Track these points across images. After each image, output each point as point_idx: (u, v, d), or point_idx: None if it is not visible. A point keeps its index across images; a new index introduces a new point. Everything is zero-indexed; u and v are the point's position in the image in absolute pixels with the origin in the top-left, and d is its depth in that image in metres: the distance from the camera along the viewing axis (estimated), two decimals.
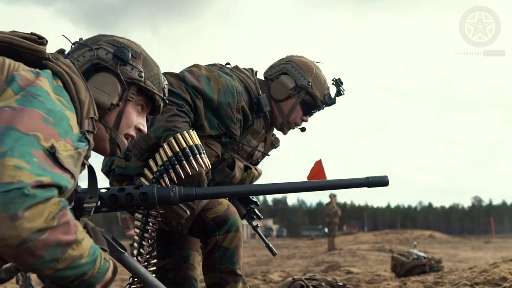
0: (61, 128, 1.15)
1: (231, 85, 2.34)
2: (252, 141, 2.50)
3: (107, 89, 1.44)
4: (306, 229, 75.64)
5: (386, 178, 1.84)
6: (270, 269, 9.70)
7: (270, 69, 2.61)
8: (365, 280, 5.85)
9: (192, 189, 1.71)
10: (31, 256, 1.01)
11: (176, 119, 2.13)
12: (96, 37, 1.52)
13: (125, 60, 1.47)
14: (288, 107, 2.54)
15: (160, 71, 1.58)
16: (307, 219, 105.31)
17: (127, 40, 1.53)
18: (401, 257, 6.35)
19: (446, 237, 36.00)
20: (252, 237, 59.10)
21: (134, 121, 1.52)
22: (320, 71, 2.60)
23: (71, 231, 1.07)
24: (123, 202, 1.63)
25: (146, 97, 1.53)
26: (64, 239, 1.05)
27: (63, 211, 1.05)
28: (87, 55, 1.47)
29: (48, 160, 1.07)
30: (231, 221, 2.24)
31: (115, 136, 1.48)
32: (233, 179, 2.40)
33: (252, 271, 9.30)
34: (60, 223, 1.04)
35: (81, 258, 1.10)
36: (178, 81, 2.25)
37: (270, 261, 13.05)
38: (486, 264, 7.43)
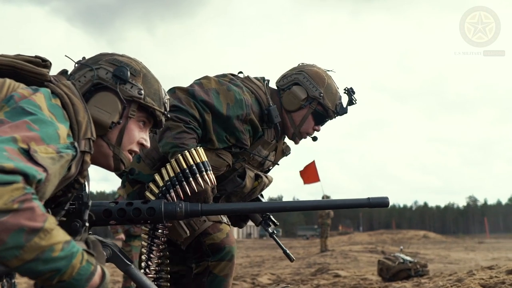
0: (45, 135, 1.16)
1: (239, 98, 2.35)
2: (263, 151, 2.52)
3: (108, 108, 1.48)
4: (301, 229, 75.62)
5: (386, 199, 1.87)
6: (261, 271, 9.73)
7: (282, 79, 2.61)
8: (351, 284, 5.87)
9: (198, 205, 1.75)
10: None
11: (184, 136, 2.17)
12: (97, 57, 1.56)
13: (124, 79, 1.51)
14: (299, 118, 2.55)
15: (160, 86, 1.60)
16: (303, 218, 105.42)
17: (127, 58, 1.57)
18: (387, 261, 6.40)
19: (440, 237, 36.14)
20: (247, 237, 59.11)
21: (137, 137, 1.56)
22: (332, 80, 2.60)
23: (37, 219, 1.04)
24: (131, 216, 1.67)
25: (147, 113, 1.57)
26: (27, 224, 1.02)
27: (27, 196, 1.03)
28: (88, 76, 1.51)
29: (20, 155, 1.08)
30: (226, 250, 2.29)
31: (118, 152, 1.52)
32: (244, 188, 2.43)
33: (243, 273, 9.33)
34: (22, 207, 1.02)
35: (51, 251, 1.06)
36: (187, 97, 2.28)
37: (262, 262, 13.08)
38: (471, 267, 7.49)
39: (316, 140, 2.66)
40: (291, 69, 2.63)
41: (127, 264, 1.57)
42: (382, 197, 1.86)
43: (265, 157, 2.54)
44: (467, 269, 10.02)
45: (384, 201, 1.86)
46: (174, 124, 2.20)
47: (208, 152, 2.28)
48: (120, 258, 1.59)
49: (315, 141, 2.66)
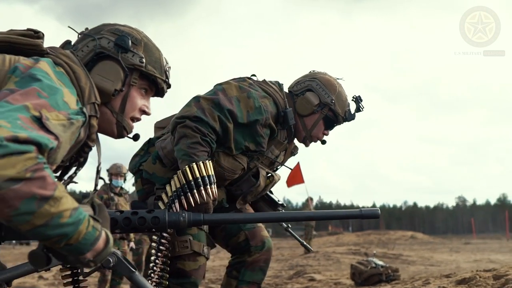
0: (54, 101, 1.21)
1: (258, 105, 2.47)
2: (275, 150, 2.67)
3: (110, 76, 1.53)
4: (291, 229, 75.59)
5: (377, 211, 1.96)
6: None
7: (296, 85, 2.75)
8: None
9: (201, 215, 1.83)
10: (5, 205, 1.04)
11: (197, 147, 2.29)
12: (99, 27, 1.61)
13: (125, 48, 1.55)
14: (311, 122, 2.70)
15: (161, 55, 1.65)
16: None
17: (128, 28, 1.62)
18: (359, 265, 6.45)
19: (428, 238, 36.35)
20: None
21: (139, 104, 1.60)
22: (342, 88, 2.76)
23: (48, 187, 1.08)
24: (136, 224, 1.72)
25: (149, 80, 1.61)
26: (39, 192, 1.07)
27: (39, 165, 1.07)
28: (90, 45, 1.55)
29: (34, 124, 1.12)
30: (189, 280, 2.41)
31: (121, 119, 1.57)
32: (258, 187, 2.58)
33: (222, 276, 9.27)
34: (35, 176, 1.06)
35: (60, 217, 1.11)
36: (211, 108, 2.38)
37: None
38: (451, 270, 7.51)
39: (325, 143, 2.82)
40: (304, 75, 2.79)
41: (132, 271, 1.64)
42: (373, 209, 1.96)
43: (276, 156, 2.69)
44: (447, 271, 10.07)
45: (375, 212, 1.95)
46: (192, 134, 2.31)
47: (226, 156, 2.46)
48: (125, 265, 1.66)
49: (324, 144, 2.82)
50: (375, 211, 1.95)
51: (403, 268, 11.01)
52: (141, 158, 2.58)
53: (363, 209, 1.95)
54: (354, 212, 1.96)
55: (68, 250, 1.18)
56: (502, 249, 18.57)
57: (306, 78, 2.74)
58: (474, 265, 11.38)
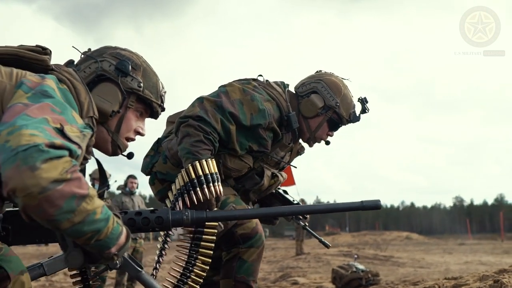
0: (66, 116, 1.30)
1: (262, 108, 2.49)
2: (280, 152, 2.72)
3: (109, 98, 1.62)
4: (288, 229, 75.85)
5: (378, 202, 1.96)
6: None
7: (301, 86, 2.74)
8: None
9: (204, 213, 1.87)
10: (50, 205, 1.13)
11: (200, 145, 2.31)
12: (102, 49, 1.70)
13: (125, 72, 1.64)
14: (315, 124, 2.71)
15: (158, 80, 1.74)
16: None
17: (129, 53, 1.70)
18: (340, 269, 6.47)
19: (423, 238, 36.37)
20: None
21: (134, 126, 1.70)
22: (348, 90, 2.75)
23: (84, 186, 1.19)
24: (140, 225, 1.75)
25: (145, 104, 1.71)
26: (78, 191, 1.17)
27: (75, 168, 1.18)
28: (92, 67, 1.64)
29: (58, 135, 1.22)
30: (256, 237, 2.46)
31: (116, 138, 1.67)
32: (262, 186, 2.63)
33: None
34: (73, 177, 1.17)
35: (94, 214, 1.22)
36: (214, 110, 2.41)
37: None
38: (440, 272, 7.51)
39: (329, 144, 2.83)
40: (310, 76, 2.78)
41: (138, 270, 1.69)
42: (374, 200, 1.96)
43: (281, 157, 2.73)
44: (436, 274, 10.07)
45: (376, 203, 1.96)
46: (194, 132, 2.34)
47: (232, 157, 2.51)
48: (132, 265, 1.71)
49: (327, 144, 2.83)
50: (376, 202, 1.96)
51: (392, 270, 11.01)
52: (152, 158, 2.62)
53: (364, 200, 1.96)
54: (355, 204, 1.97)
55: (97, 245, 1.28)
56: (495, 250, 18.59)
57: (312, 80, 2.74)
58: (463, 267, 11.37)
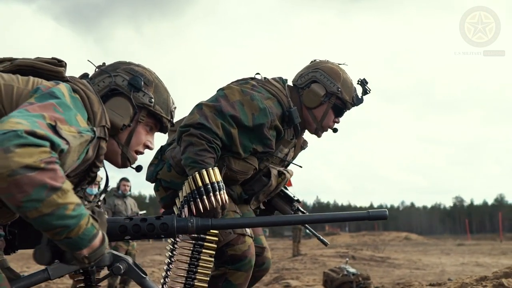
0: (68, 117, 1.35)
1: (263, 107, 2.47)
2: (284, 149, 2.68)
3: (121, 112, 1.67)
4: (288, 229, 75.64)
5: (385, 212, 1.96)
6: None
7: (300, 78, 2.72)
8: None
9: (209, 220, 1.87)
10: (19, 190, 1.16)
11: (204, 154, 2.31)
12: (116, 64, 1.76)
13: (138, 88, 1.69)
14: (321, 113, 2.69)
15: (169, 96, 1.79)
16: None
17: (142, 69, 1.75)
18: (332, 273, 6.47)
19: (422, 239, 36.32)
20: None
21: (143, 140, 1.75)
22: (347, 74, 2.73)
23: (58, 179, 1.21)
24: (145, 231, 1.77)
25: (155, 119, 1.75)
26: (49, 182, 1.19)
27: (52, 159, 1.20)
28: (106, 81, 1.70)
29: (48, 129, 1.25)
30: (246, 261, 2.44)
31: (126, 151, 1.72)
32: (270, 187, 2.61)
33: None
34: (48, 167, 1.19)
35: (65, 209, 1.22)
36: (214, 115, 2.40)
37: None
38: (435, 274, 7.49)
39: (337, 131, 2.80)
40: (306, 67, 2.75)
41: (142, 276, 1.71)
42: (381, 210, 1.96)
43: (286, 154, 2.70)
44: (431, 275, 10.05)
45: (383, 213, 1.95)
46: (198, 141, 2.33)
47: (236, 160, 2.48)
48: (136, 271, 1.73)
49: (335, 132, 2.81)
50: (383, 212, 1.95)
51: (388, 271, 11.00)
52: (156, 167, 2.62)
53: (371, 210, 1.97)
54: (361, 214, 1.98)
55: (68, 243, 1.28)
56: (493, 251, 18.54)
57: (309, 70, 2.72)
58: (459, 269, 11.35)
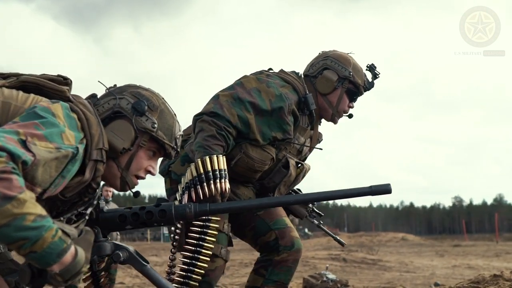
0: (49, 134, 1.34)
1: (279, 93, 2.53)
2: (301, 138, 2.70)
3: (122, 135, 1.65)
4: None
5: (388, 186, 1.89)
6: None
7: (311, 67, 2.81)
8: None
9: (206, 205, 1.86)
10: None
11: (211, 140, 2.34)
12: (124, 87, 1.75)
13: (140, 112, 1.67)
14: (335, 98, 2.75)
15: (175, 122, 1.77)
16: None
17: (150, 93, 1.74)
18: (311, 279, 6.49)
19: (419, 239, 36.22)
20: None
21: (144, 165, 1.72)
22: (355, 60, 2.81)
23: (13, 189, 1.19)
24: (144, 219, 1.78)
25: (158, 144, 1.72)
26: (2, 191, 1.17)
27: (7, 168, 1.19)
28: (111, 103, 1.70)
29: (16, 143, 1.26)
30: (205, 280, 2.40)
31: (126, 175, 1.69)
32: (290, 177, 2.62)
33: None
34: (1, 177, 1.18)
35: (23, 219, 1.19)
36: (229, 104, 2.44)
37: (226, 269, 12.92)
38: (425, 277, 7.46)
39: (352, 117, 2.86)
40: (315, 57, 2.83)
41: (143, 264, 1.73)
42: (384, 184, 1.89)
43: (303, 144, 2.72)
44: (420, 278, 10.03)
45: (386, 188, 1.88)
46: (208, 127, 2.37)
47: (254, 147, 2.50)
48: (137, 259, 1.75)
49: (350, 118, 2.86)
50: (386, 186, 1.89)
51: (378, 274, 10.97)
52: (169, 161, 2.64)
53: (374, 185, 1.91)
54: (364, 189, 1.91)
55: (34, 258, 1.24)
56: (488, 252, 18.51)
57: (319, 59, 2.80)
58: (449, 271, 11.32)
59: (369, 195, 1.92)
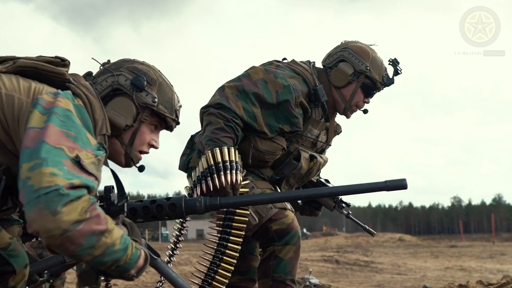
0: (81, 141, 1.36)
1: (287, 84, 2.45)
2: (314, 130, 2.62)
3: (123, 112, 1.64)
4: None
5: (404, 181, 1.84)
6: None
7: (328, 58, 2.70)
8: None
9: (217, 199, 1.86)
10: (72, 244, 1.22)
11: (220, 132, 2.29)
12: (120, 63, 1.72)
13: (140, 87, 1.66)
14: (349, 92, 2.64)
15: (174, 94, 1.75)
16: None
17: (146, 67, 1.72)
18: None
19: (416, 240, 36.24)
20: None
21: (147, 139, 1.72)
22: (376, 53, 2.69)
23: (102, 222, 1.27)
24: (155, 212, 1.79)
25: (159, 118, 1.72)
26: (97, 228, 1.25)
27: (93, 205, 1.26)
28: (109, 81, 1.67)
29: (75, 167, 1.29)
30: (292, 233, 2.39)
31: (129, 151, 1.70)
32: (301, 170, 2.54)
33: None
34: (92, 215, 1.24)
35: (113, 246, 1.29)
36: (234, 96, 2.39)
37: None
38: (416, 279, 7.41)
39: (367, 112, 2.76)
40: (335, 47, 2.73)
41: (154, 258, 1.71)
42: (399, 179, 1.85)
43: (316, 136, 2.64)
44: (411, 281, 9.99)
45: (402, 183, 1.84)
46: (215, 120, 2.32)
47: (263, 140, 2.44)
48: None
49: (366, 113, 2.76)
50: (402, 181, 1.84)
51: (369, 277, 10.95)
52: (187, 156, 2.61)
53: (389, 180, 1.86)
54: (379, 184, 1.87)
55: (117, 271, 1.35)
56: (483, 253, 18.50)
57: (337, 49, 2.69)
58: (441, 273, 11.30)
59: (384, 191, 1.87)
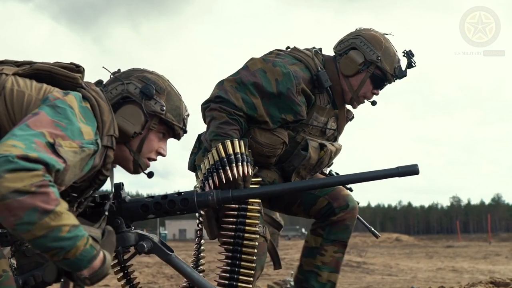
0: (70, 132, 1.37)
1: (286, 71, 2.38)
2: (320, 117, 2.54)
3: (132, 120, 1.68)
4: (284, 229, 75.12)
5: (416, 167, 1.83)
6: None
7: (339, 44, 2.63)
8: None
9: (229, 192, 1.84)
10: (10, 214, 1.20)
11: (226, 126, 2.27)
12: (129, 72, 1.76)
13: (149, 96, 1.70)
14: (357, 82, 2.56)
15: (182, 103, 1.79)
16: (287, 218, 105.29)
17: (155, 76, 1.76)
18: (275, 285, 6.58)
19: (413, 240, 36.22)
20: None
21: (155, 147, 1.75)
22: (390, 43, 2.60)
23: (51, 202, 1.23)
24: (167, 208, 1.78)
25: (167, 126, 1.75)
26: (41, 205, 1.21)
27: (44, 183, 1.22)
28: (119, 89, 1.71)
29: (46, 148, 1.28)
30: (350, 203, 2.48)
31: (138, 158, 1.73)
32: (310, 160, 2.46)
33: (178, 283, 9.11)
34: (39, 191, 1.21)
35: (59, 231, 1.24)
36: (233, 88, 2.35)
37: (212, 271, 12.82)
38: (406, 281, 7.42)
39: (375, 104, 2.67)
40: (348, 34, 2.64)
41: (168, 254, 1.74)
42: (411, 165, 1.83)
43: (325, 124, 2.56)
44: (401, 282, 9.96)
45: (414, 169, 1.83)
46: (218, 114, 2.30)
47: (262, 131, 2.38)
48: (161, 249, 1.77)
49: (374, 105, 2.67)
50: (414, 167, 1.82)
51: (359, 278, 10.88)
52: (195, 155, 2.58)
53: (400, 166, 1.84)
54: (391, 170, 1.86)
55: (67, 264, 1.30)
56: (478, 254, 18.47)
57: (349, 36, 2.60)
58: (432, 274, 11.24)
59: (396, 177, 1.85)
